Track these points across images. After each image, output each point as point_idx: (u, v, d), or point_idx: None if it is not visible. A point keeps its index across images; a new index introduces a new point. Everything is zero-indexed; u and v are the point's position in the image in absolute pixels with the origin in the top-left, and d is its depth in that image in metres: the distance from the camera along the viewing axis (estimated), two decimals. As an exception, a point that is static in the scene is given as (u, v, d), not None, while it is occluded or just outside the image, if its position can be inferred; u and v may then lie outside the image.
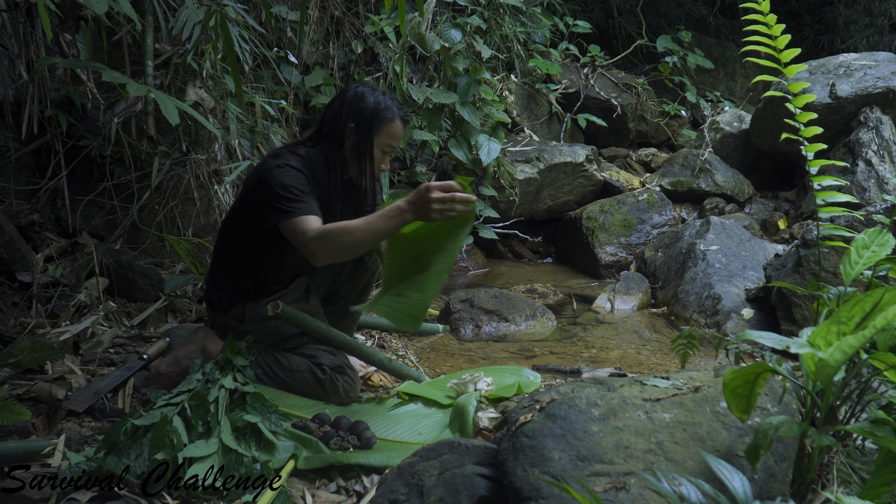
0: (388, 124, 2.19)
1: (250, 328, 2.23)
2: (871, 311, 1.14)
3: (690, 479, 1.12)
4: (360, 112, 2.18)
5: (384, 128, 2.19)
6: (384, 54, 4.35)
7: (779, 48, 2.07)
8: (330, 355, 2.24)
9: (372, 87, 2.25)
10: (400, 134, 2.24)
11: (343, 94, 2.25)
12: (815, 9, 7.08)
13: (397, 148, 2.27)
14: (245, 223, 2.19)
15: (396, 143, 2.25)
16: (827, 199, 2.08)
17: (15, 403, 1.84)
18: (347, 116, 2.19)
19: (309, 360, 2.21)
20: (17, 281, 2.73)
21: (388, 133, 2.20)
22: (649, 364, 2.87)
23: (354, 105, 2.19)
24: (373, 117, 2.17)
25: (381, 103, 2.19)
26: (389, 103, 2.20)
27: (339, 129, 2.20)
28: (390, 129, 2.20)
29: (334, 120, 2.21)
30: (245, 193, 2.22)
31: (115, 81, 2.02)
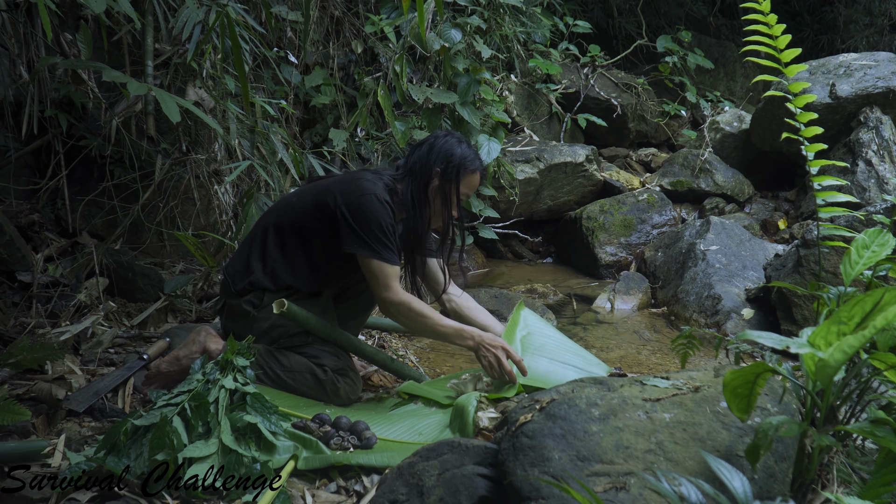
0: (470, 175, 2.33)
1: (263, 316, 2.22)
2: (871, 311, 1.14)
3: (690, 479, 1.12)
4: (449, 158, 2.31)
5: (466, 177, 2.32)
6: (384, 54, 4.35)
7: (779, 48, 2.07)
8: (333, 357, 2.24)
9: (460, 137, 2.39)
10: (476, 185, 2.39)
11: (434, 138, 2.39)
12: (815, 9, 7.08)
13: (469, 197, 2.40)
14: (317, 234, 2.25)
15: (471, 192, 2.39)
16: (827, 199, 2.08)
17: (15, 403, 1.84)
18: (437, 160, 2.32)
19: (311, 360, 2.21)
20: (17, 281, 2.73)
21: (468, 183, 2.34)
22: (649, 364, 2.87)
23: (445, 151, 2.33)
24: (460, 165, 2.31)
25: (468, 154, 2.33)
26: (475, 156, 2.35)
27: (428, 170, 2.32)
28: (470, 180, 2.34)
29: (423, 161, 2.34)
30: (326, 205, 2.23)
31: (116, 81, 2.02)
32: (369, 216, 2.17)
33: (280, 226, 2.28)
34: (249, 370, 1.99)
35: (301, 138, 4.13)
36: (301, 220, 2.26)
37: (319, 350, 2.24)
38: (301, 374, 2.20)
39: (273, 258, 2.26)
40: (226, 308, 2.31)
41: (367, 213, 2.18)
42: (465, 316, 2.47)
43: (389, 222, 2.20)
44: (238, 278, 2.28)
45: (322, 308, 2.32)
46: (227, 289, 2.30)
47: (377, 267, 2.18)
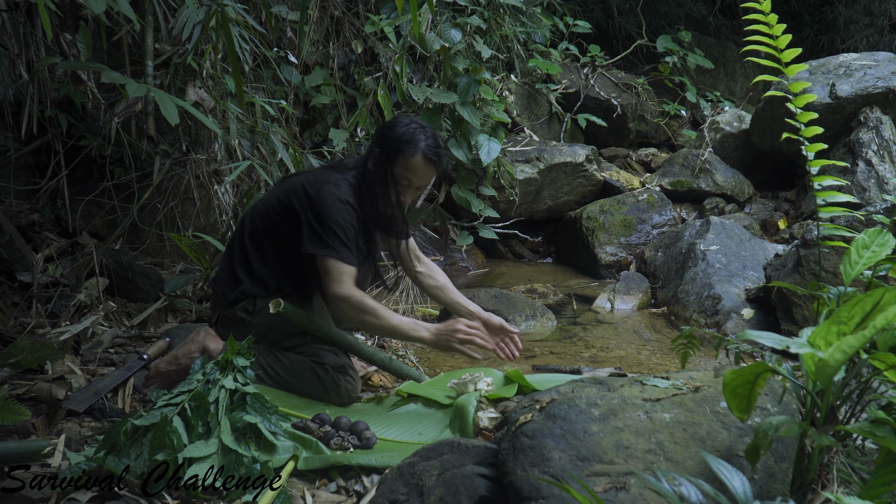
0: (406, 157, 2.17)
1: (259, 321, 2.23)
2: (871, 311, 1.14)
3: (690, 479, 1.12)
4: (385, 139, 2.21)
5: (401, 159, 2.18)
6: (384, 54, 4.35)
7: (779, 48, 2.07)
8: (333, 355, 2.25)
9: (413, 121, 2.25)
10: (420, 170, 2.19)
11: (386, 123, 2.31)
12: (815, 9, 7.08)
13: (419, 185, 2.24)
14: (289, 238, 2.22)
15: (416, 179, 2.21)
16: (827, 198, 2.08)
17: (15, 403, 1.84)
18: (376, 141, 2.24)
19: (311, 359, 2.21)
20: (17, 281, 2.73)
21: (405, 165, 2.18)
22: (649, 364, 2.87)
23: (384, 131, 2.25)
24: (394, 146, 2.18)
25: (406, 134, 2.18)
26: (417, 137, 2.18)
27: (368, 153, 2.26)
28: (407, 163, 2.18)
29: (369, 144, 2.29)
30: (291, 206, 2.20)
31: (115, 82, 2.02)
32: (328, 216, 2.13)
33: (255, 234, 2.27)
34: (249, 370, 1.99)
35: (301, 138, 4.13)
36: (272, 227, 2.24)
37: (319, 349, 2.24)
38: (302, 373, 2.20)
39: (257, 267, 2.26)
40: (220, 319, 2.32)
41: (326, 214, 2.14)
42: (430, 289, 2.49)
43: (349, 222, 2.15)
44: (228, 290, 2.28)
45: (318, 309, 2.32)
46: (219, 301, 2.31)
47: (331, 264, 2.12)
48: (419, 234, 4.30)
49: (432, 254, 4.29)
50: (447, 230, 4.36)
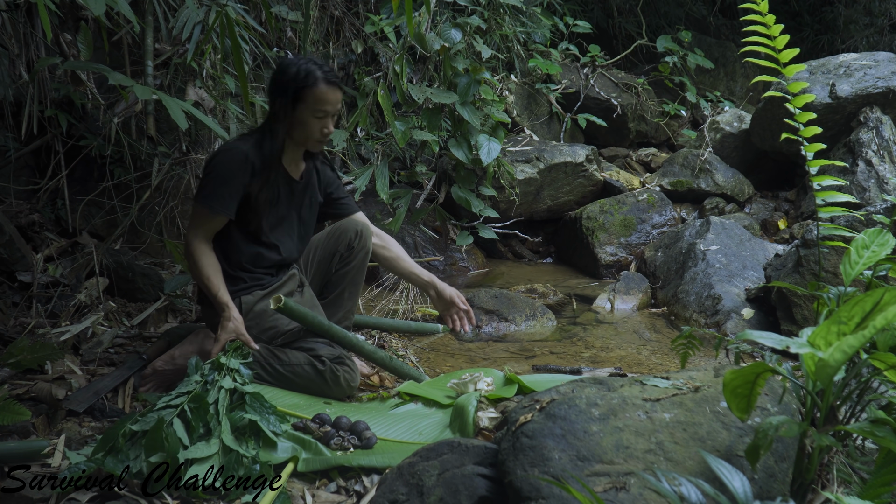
0: (311, 90, 2.19)
1: (249, 322, 2.23)
2: (871, 311, 1.14)
3: (690, 479, 1.12)
4: (282, 84, 2.21)
5: (307, 95, 2.20)
6: (384, 54, 4.35)
7: (778, 48, 2.07)
8: (328, 347, 2.26)
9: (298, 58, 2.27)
10: (328, 97, 2.21)
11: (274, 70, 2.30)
12: (815, 9, 7.08)
13: (333, 111, 2.25)
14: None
15: (329, 106, 2.23)
16: (827, 199, 2.08)
17: (15, 403, 1.84)
18: (274, 91, 2.24)
19: (308, 353, 2.22)
20: (17, 281, 2.73)
21: (315, 99, 2.20)
22: (649, 364, 2.87)
23: (277, 78, 2.24)
24: (293, 86, 2.19)
25: (301, 71, 2.19)
26: (312, 69, 2.20)
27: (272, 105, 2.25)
28: (315, 95, 2.20)
29: (268, 98, 2.28)
30: None
31: (120, 84, 2.02)
32: (208, 167, 2.21)
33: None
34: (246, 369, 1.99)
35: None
36: None
37: (314, 342, 2.25)
38: (300, 367, 2.21)
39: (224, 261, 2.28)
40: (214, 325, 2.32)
41: (207, 165, 2.22)
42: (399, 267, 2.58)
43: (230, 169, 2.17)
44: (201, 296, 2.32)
45: (309, 304, 2.33)
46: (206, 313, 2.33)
47: (195, 210, 2.20)
48: (419, 234, 4.30)
49: (432, 254, 4.29)
50: (447, 230, 4.36)
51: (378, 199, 4.03)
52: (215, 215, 2.18)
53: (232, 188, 2.18)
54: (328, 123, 2.27)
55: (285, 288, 2.33)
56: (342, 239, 2.49)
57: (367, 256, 2.51)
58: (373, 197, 4.20)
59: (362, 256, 2.48)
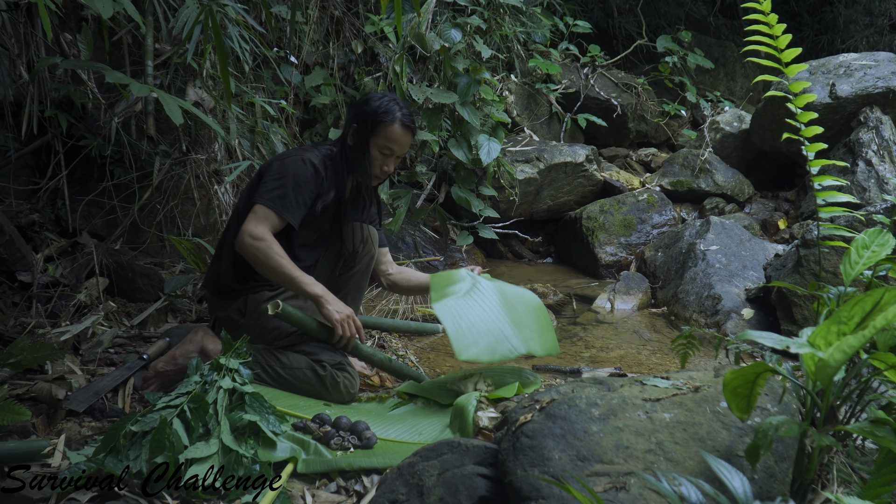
0: (385, 127, 2.28)
1: (252, 322, 2.24)
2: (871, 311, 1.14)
3: (690, 479, 1.12)
4: (362, 114, 2.31)
5: (381, 130, 2.29)
6: (384, 54, 4.35)
7: (780, 48, 2.07)
8: (330, 352, 2.26)
9: (385, 94, 2.37)
10: (399, 138, 2.31)
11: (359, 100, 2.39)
12: (815, 9, 7.08)
13: (399, 152, 2.35)
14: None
15: (396, 147, 2.32)
16: (827, 198, 2.08)
17: (15, 403, 1.84)
18: (352, 117, 2.34)
19: (309, 357, 2.22)
20: (17, 281, 2.73)
21: (386, 136, 2.29)
22: (649, 364, 2.87)
23: (359, 106, 2.34)
24: (372, 119, 2.29)
25: (382, 106, 2.29)
26: (392, 108, 2.29)
27: (346, 129, 2.35)
28: (388, 132, 2.29)
29: (346, 122, 2.37)
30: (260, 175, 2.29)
31: (118, 82, 2.02)
32: (281, 171, 2.21)
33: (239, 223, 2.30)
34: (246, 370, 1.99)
35: (301, 138, 4.13)
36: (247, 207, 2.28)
37: (316, 347, 2.25)
38: (301, 371, 2.21)
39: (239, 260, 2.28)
40: (217, 322, 2.33)
41: (280, 169, 2.22)
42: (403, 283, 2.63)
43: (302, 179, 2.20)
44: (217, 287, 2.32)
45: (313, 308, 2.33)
46: (214, 302, 2.33)
47: (259, 208, 2.17)
48: (419, 234, 4.30)
49: (432, 254, 4.29)
50: (447, 230, 4.36)
51: (378, 199, 4.03)
52: (281, 220, 2.18)
53: (302, 199, 2.21)
54: (390, 163, 2.35)
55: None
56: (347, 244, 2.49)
57: (372, 262, 2.51)
58: (373, 197, 4.20)
59: (367, 262, 2.49)
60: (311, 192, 2.23)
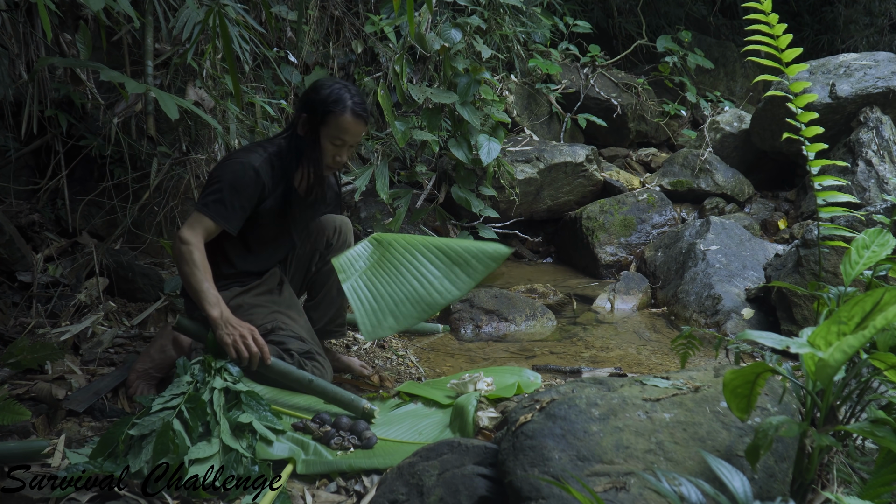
0: (336, 117, 2.18)
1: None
2: (871, 311, 1.14)
3: (690, 479, 1.12)
4: (311, 103, 2.21)
5: (332, 120, 2.19)
6: (384, 54, 4.35)
7: (780, 48, 2.07)
8: (298, 341, 2.25)
9: (335, 81, 2.25)
10: (351, 128, 2.21)
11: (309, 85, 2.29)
12: (815, 9, 7.08)
13: (352, 142, 2.25)
14: None
15: (348, 137, 2.22)
16: (827, 198, 2.08)
17: (15, 403, 1.84)
18: (302, 107, 2.24)
19: (278, 346, 2.21)
20: (17, 281, 2.73)
21: (337, 126, 2.19)
22: (649, 364, 2.87)
23: (308, 95, 2.23)
24: (321, 109, 2.19)
25: (332, 95, 2.18)
26: (343, 96, 2.19)
27: (295, 119, 2.25)
28: (339, 122, 2.19)
29: (295, 110, 2.28)
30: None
31: (114, 80, 2.02)
32: (220, 176, 2.17)
33: None
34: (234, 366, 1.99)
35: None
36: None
37: (284, 336, 2.24)
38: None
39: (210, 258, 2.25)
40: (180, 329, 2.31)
41: (218, 175, 2.18)
42: None
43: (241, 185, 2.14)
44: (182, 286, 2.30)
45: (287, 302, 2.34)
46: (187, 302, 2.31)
47: (196, 215, 2.14)
48: (419, 234, 4.30)
49: (432, 254, 4.28)
50: (447, 230, 4.36)
51: (378, 199, 4.03)
52: (216, 226, 2.15)
53: (239, 204, 2.16)
54: (343, 153, 2.26)
55: (264, 286, 2.34)
56: (321, 237, 2.49)
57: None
58: (373, 197, 4.20)
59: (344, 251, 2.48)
60: (250, 196, 2.17)
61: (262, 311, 2.26)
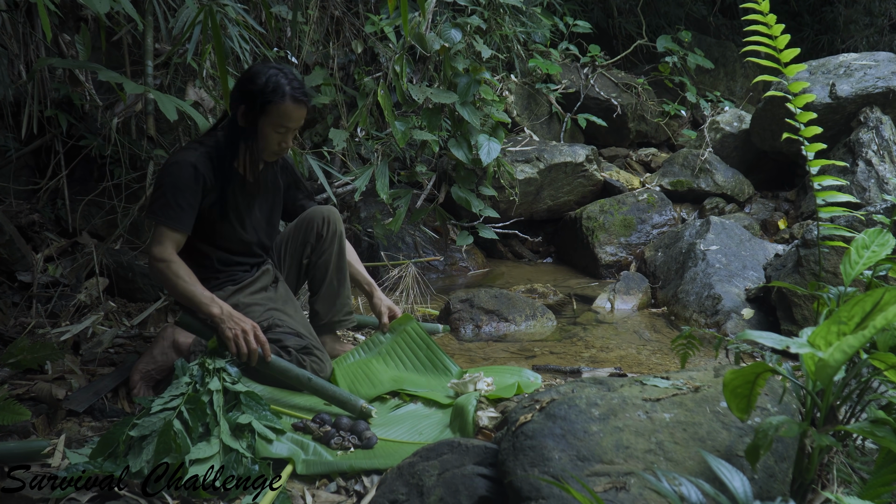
0: (276, 106, 2.15)
1: None
2: (871, 311, 1.14)
3: (690, 479, 1.12)
4: (249, 94, 2.16)
5: (272, 109, 2.15)
6: (384, 54, 4.35)
7: (779, 48, 2.07)
8: (295, 337, 2.25)
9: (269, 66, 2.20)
10: (293, 114, 2.17)
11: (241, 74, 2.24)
12: (815, 9, 7.08)
13: (295, 127, 2.21)
14: None
15: (291, 123, 2.19)
16: (827, 198, 2.08)
17: (15, 403, 1.84)
18: (239, 98, 2.19)
19: (275, 343, 2.21)
20: (17, 281, 2.73)
21: (278, 114, 2.16)
22: (649, 364, 2.87)
23: (244, 85, 2.18)
24: (260, 99, 2.15)
25: (269, 84, 2.14)
26: (281, 83, 2.15)
27: (234, 111, 2.21)
28: (280, 111, 2.15)
29: (231, 101, 2.22)
30: None
31: (112, 81, 2.02)
32: (159, 181, 2.16)
33: None
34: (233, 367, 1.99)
35: (301, 138, 4.13)
36: None
37: (281, 333, 2.25)
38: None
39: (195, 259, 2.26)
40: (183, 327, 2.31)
41: (158, 179, 2.17)
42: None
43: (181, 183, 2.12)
44: None
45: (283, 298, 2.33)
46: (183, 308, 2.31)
47: (155, 231, 2.14)
48: (419, 234, 4.30)
49: (432, 254, 4.29)
50: (447, 230, 4.36)
51: (378, 199, 4.03)
52: (173, 232, 2.13)
53: (185, 203, 2.13)
54: (288, 138, 2.23)
55: (258, 283, 2.35)
56: (310, 229, 2.48)
57: (342, 239, 2.49)
58: (373, 197, 4.20)
59: (337, 240, 2.48)
60: (194, 191, 2.15)
61: (257, 309, 2.27)
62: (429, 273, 4.16)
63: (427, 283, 3.72)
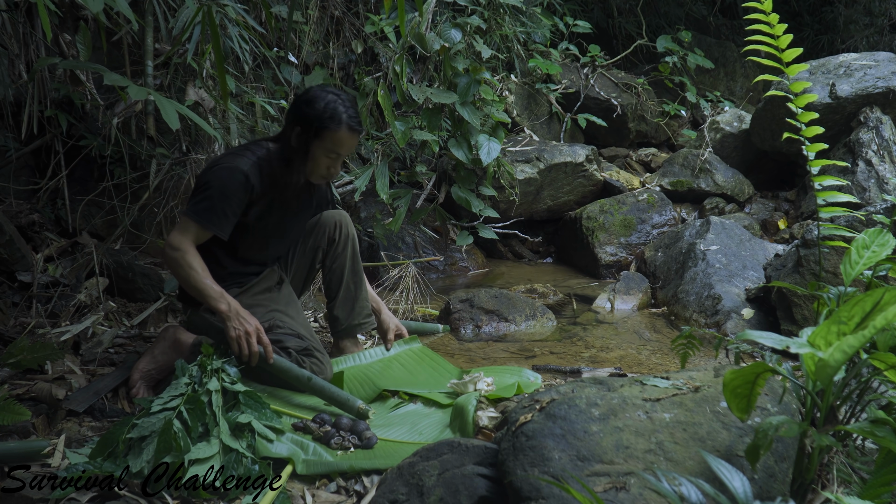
0: (332, 133, 2.19)
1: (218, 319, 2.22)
2: (871, 311, 1.14)
3: (690, 479, 1.12)
4: (306, 118, 2.20)
5: (327, 135, 2.20)
6: (384, 54, 4.35)
7: (780, 48, 2.07)
8: (296, 339, 2.25)
9: (328, 91, 2.24)
10: (346, 142, 2.23)
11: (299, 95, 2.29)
12: (815, 9, 7.08)
13: (346, 154, 2.27)
14: None
15: (343, 150, 2.24)
16: (827, 198, 2.08)
17: (15, 403, 1.84)
18: (295, 119, 2.23)
19: (276, 345, 2.21)
20: (17, 281, 2.73)
21: (333, 140, 2.21)
22: (649, 364, 2.87)
23: (302, 108, 2.22)
24: (317, 123, 2.19)
25: (327, 111, 2.18)
26: (338, 110, 2.19)
27: (288, 130, 2.25)
28: (335, 138, 2.20)
29: (286, 120, 2.27)
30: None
31: (116, 84, 2.02)
32: (205, 180, 2.17)
33: None
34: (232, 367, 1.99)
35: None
36: None
37: (282, 334, 2.25)
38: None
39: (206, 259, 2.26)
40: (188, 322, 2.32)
41: (204, 178, 2.18)
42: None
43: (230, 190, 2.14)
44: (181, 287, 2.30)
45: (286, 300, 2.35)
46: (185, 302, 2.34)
47: (181, 221, 2.15)
48: (419, 234, 4.30)
49: (432, 254, 4.29)
50: (447, 230, 4.36)
51: (378, 199, 4.03)
52: (207, 232, 2.15)
53: (230, 209, 2.16)
54: (337, 165, 2.28)
55: (262, 284, 2.36)
56: (322, 233, 2.50)
57: (355, 242, 2.51)
58: (373, 197, 4.20)
59: (350, 244, 2.49)
60: (240, 200, 2.18)
61: (259, 310, 2.27)
62: (429, 273, 4.16)
63: (427, 283, 3.72)
